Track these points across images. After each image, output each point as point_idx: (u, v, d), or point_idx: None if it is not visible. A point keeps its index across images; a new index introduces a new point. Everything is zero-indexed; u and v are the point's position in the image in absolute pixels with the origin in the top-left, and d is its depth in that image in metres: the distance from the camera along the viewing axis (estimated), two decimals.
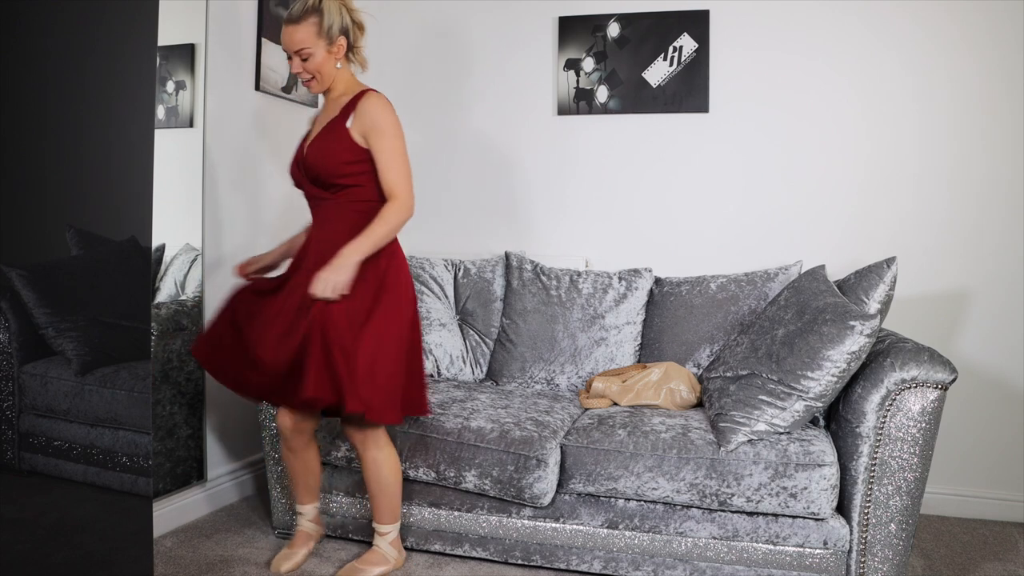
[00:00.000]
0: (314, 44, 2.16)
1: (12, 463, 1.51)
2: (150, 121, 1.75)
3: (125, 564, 1.73)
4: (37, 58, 1.48)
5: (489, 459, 2.32)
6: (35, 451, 1.54)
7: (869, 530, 2.13)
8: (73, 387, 1.60)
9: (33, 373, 1.53)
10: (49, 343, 1.55)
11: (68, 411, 1.59)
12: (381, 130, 2.14)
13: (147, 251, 1.80)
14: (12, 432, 1.50)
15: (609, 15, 3.18)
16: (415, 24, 3.40)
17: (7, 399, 1.50)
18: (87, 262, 1.64)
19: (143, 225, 1.76)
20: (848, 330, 2.13)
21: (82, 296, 1.63)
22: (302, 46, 2.16)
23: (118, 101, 1.68)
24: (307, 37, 2.15)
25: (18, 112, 1.45)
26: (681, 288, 2.88)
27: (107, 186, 1.69)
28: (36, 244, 1.54)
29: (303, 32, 2.15)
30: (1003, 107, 2.84)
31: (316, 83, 2.22)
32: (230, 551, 2.44)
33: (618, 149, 3.22)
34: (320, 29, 2.16)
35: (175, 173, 2.60)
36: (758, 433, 2.21)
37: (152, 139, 1.75)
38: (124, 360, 1.72)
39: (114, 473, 1.68)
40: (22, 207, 1.48)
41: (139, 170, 1.75)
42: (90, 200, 1.65)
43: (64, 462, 1.59)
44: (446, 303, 3.03)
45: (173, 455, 2.63)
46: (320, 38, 2.16)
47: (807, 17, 3.00)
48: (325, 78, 2.21)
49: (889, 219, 2.95)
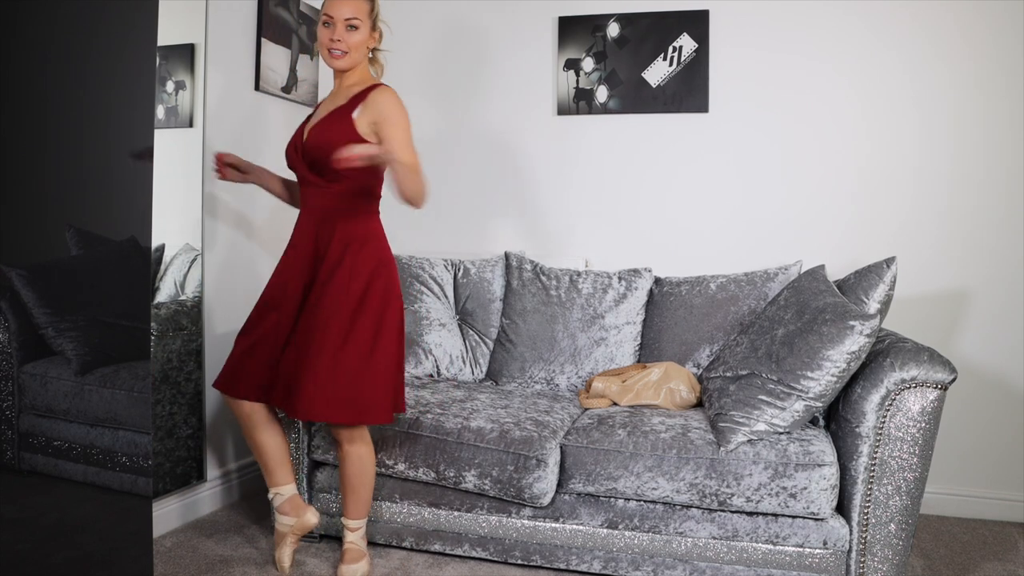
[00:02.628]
0: (364, 20, 2.19)
1: (12, 463, 1.51)
2: (150, 121, 1.75)
3: (125, 564, 1.73)
4: (37, 58, 1.48)
5: (489, 459, 2.32)
6: (35, 451, 1.54)
7: (869, 530, 2.13)
8: (73, 387, 1.60)
9: (33, 373, 1.53)
10: (49, 343, 1.55)
11: (68, 411, 1.59)
12: (392, 121, 2.14)
13: (147, 251, 1.80)
14: (12, 432, 1.50)
15: (609, 15, 3.18)
16: (415, 24, 3.40)
17: (7, 399, 1.50)
18: (87, 262, 1.64)
19: (143, 225, 1.76)
20: (848, 330, 2.13)
21: (82, 296, 1.63)
22: (355, 15, 2.17)
23: (118, 101, 1.68)
24: (360, 10, 2.18)
25: (18, 112, 1.45)
26: (681, 288, 2.89)
27: (107, 186, 1.69)
28: (36, 244, 1.54)
29: (360, 4, 2.18)
30: (1003, 107, 2.84)
31: (347, 59, 2.19)
32: (230, 551, 2.44)
33: (618, 149, 3.22)
34: (372, 9, 2.21)
35: (175, 173, 2.60)
36: (758, 433, 2.21)
37: (152, 139, 1.75)
38: (124, 360, 1.72)
39: (114, 473, 1.68)
40: (22, 207, 1.48)
41: (139, 170, 1.75)
42: (90, 200, 1.65)
43: (64, 462, 1.59)
44: (446, 303, 3.03)
45: (173, 455, 2.63)
46: (369, 17, 2.20)
47: (807, 17, 3.00)
48: (356, 57, 2.21)
49: (889, 219, 2.95)
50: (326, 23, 2.19)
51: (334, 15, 2.17)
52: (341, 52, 2.18)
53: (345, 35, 2.17)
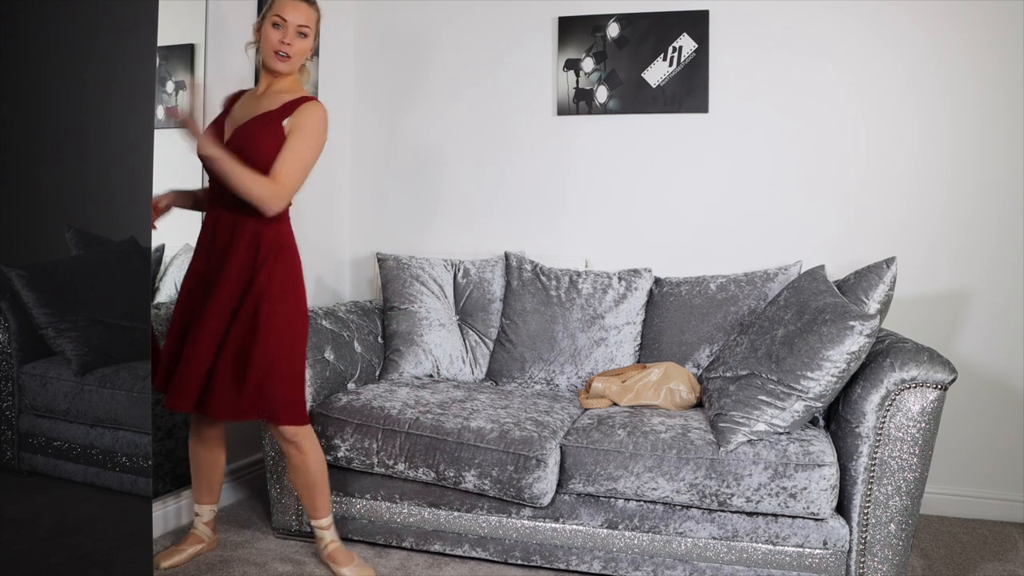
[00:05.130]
0: (312, 29, 2.22)
1: (12, 463, 1.51)
2: (150, 121, 1.75)
3: (124, 564, 1.73)
4: (37, 58, 1.48)
5: (489, 459, 2.32)
6: (35, 451, 1.54)
7: (869, 530, 2.13)
8: (73, 387, 1.60)
9: (33, 373, 1.53)
10: (49, 343, 1.55)
11: (68, 411, 1.59)
12: (302, 133, 2.15)
13: (147, 251, 1.80)
14: (12, 432, 1.50)
15: (609, 15, 3.18)
16: (415, 24, 3.40)
17: (7, 399, 1.50)
18: (87, 262, 1.64)
19: (143, 225, 1.76)
20: (848, 330, 2.13)
21: (82, 296, 1.63)
22: (307, 23, 2.19)
23: (118, 101, 1.68)
24: (311, 19, 2.22)
25: (18, 112, 1.45)
26: (681, 288, 2.89)
27: (107, 186, 1.69)
28: (36, 244, 1.54)
29: (311, 13, 2.22)
30: (1002, 107, 2.84)
31: (290, 63, 2.20)
32: (230, 551, 2.44)
33: (618, 149, 3.22)
34: (318, 20, 2.26)
35: (175, 173, 2.60)
36: (758, 433, 2.21)
37: (152, 139, 1.75)
38: (123, 360, 1.72)
39: (113, 473, 1.68)
40: (22, 207, 1.48)
41: (139, 170, 1.75)
42: (90, 200, 1.65)
43: (64, 462, 1.59)
44: (446, 303, 3.03)
45: (173, 455, 2.63)
46: (316, 27, 2.24)
47: (807, 17, 3.00)
48: (297, 63, 2.23)
49: (889, 219, 2.95)
50: (276, 24, 2.17)
51: (288, 19, 2.17)
52: (287, 56, 2.19)
53: (295, 40, 2.18)
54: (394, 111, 3.43)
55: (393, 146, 3.46)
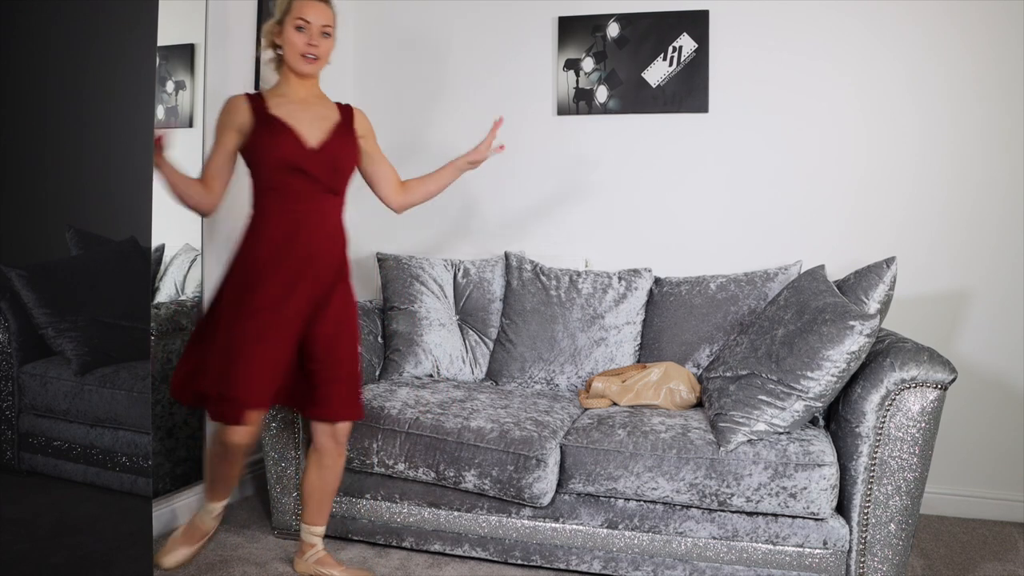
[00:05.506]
0: (334, 29, 2.21)
1: (12, 463, 1.51)
2: (150, 121, 1.75)
3: (124, 564, 1.73)
4: (37, 58, 1.48)
5: (489, 459, 2.32)
6: (35, 451, 1.54)
7: (869, 530, 2.13)
8: (73, 387, 1.60)
9: (33, 373, 1.54)
10: (49, 343, 1.55)
11: (68, 411, 1.59)
12: (374, 134, 2.39)
13: (147, 251, 1.80)
14: (12, 432, 1.50)
15: (609, 15, 3.18)
16: (414, 23, 3.40)
17: (7, 399, 1.50)
18: (87, 262, 1.64)
19: (143, 225, 1.76)
20: (848, 330, 2.13)
21: (82, 296, 1.63)
22: (329, 23, 2.19)
23: (118, 101, 1.68)
24: (332, 19, 2.21)
25: (18, 112, 1.45)
26: (681, 288, 2.89)
27: (107, 186, 1.69)
28: (36, 244, 1.54)
29: (331, 13, 2.21)
30: (1002, 107, 2.84)
31: (317, 64, 2.19)
32: (230, 551, 2.44)
33: (617, 149, 3.22)
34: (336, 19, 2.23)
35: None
36: (758, 433, 2.21)
37: (152, 139, 1.75)
38: (123, 360, 1.72)
39: (114, 473, 1.68)
40: (22, 207, 1.48)
41: (139, 170, 1.75)
42: (90, 200, 1.65)
43: (64, 462, 1.59)
44: (446, 303, 3.03)
45: (173, 455, 2.63)
46: (335, 27, 2.22)
47: (807, 17, 3.00)
48: (323, 64, 2.22)
49: (889, 219, 2.95)
50: (300, 27, 2.14)
51: (311, 20, 2.14)
52: (316, 57, 2.17)
53: (321, 41, 2.17)
54: (394, 111, 3.43)
55: (393, 145, 3.45)
